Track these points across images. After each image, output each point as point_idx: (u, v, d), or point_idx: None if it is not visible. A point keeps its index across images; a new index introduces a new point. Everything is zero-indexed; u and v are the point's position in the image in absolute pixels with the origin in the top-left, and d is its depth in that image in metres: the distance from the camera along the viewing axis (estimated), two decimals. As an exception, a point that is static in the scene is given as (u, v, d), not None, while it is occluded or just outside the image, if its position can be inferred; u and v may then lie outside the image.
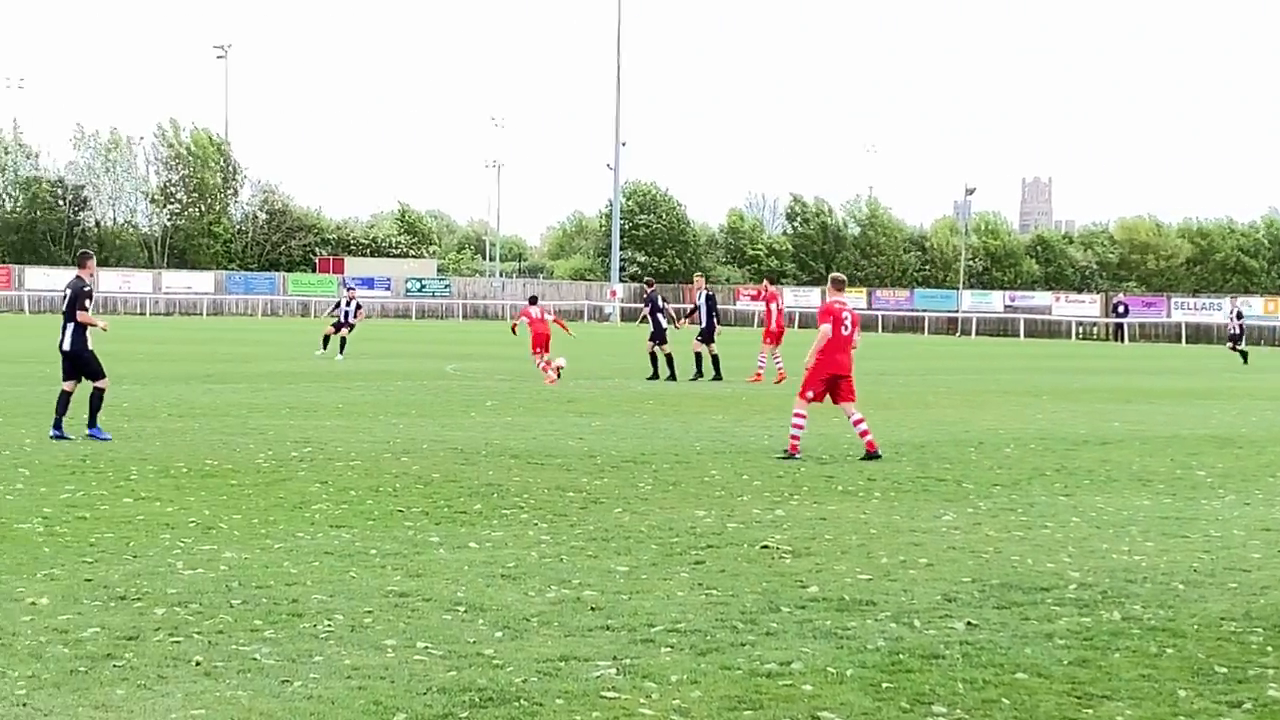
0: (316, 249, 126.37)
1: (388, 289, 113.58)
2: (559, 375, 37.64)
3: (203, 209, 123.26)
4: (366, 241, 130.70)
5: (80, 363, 22.50)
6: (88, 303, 22.49)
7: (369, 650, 9.77)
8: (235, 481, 17.69)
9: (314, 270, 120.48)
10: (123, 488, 17.00)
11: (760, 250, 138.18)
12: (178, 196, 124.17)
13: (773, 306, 41.31)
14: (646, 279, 53.96)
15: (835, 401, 22.26)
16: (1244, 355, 61.62)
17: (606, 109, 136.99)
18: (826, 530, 15.15)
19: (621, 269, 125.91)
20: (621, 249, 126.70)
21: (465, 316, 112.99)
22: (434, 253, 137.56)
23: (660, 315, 40.54)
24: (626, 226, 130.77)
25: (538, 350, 38.60)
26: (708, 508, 16.50)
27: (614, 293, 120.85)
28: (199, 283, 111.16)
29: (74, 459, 19.42)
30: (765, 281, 49.30)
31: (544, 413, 28.16)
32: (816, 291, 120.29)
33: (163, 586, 11.58)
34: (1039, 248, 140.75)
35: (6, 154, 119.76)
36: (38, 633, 10.00)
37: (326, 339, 48.39)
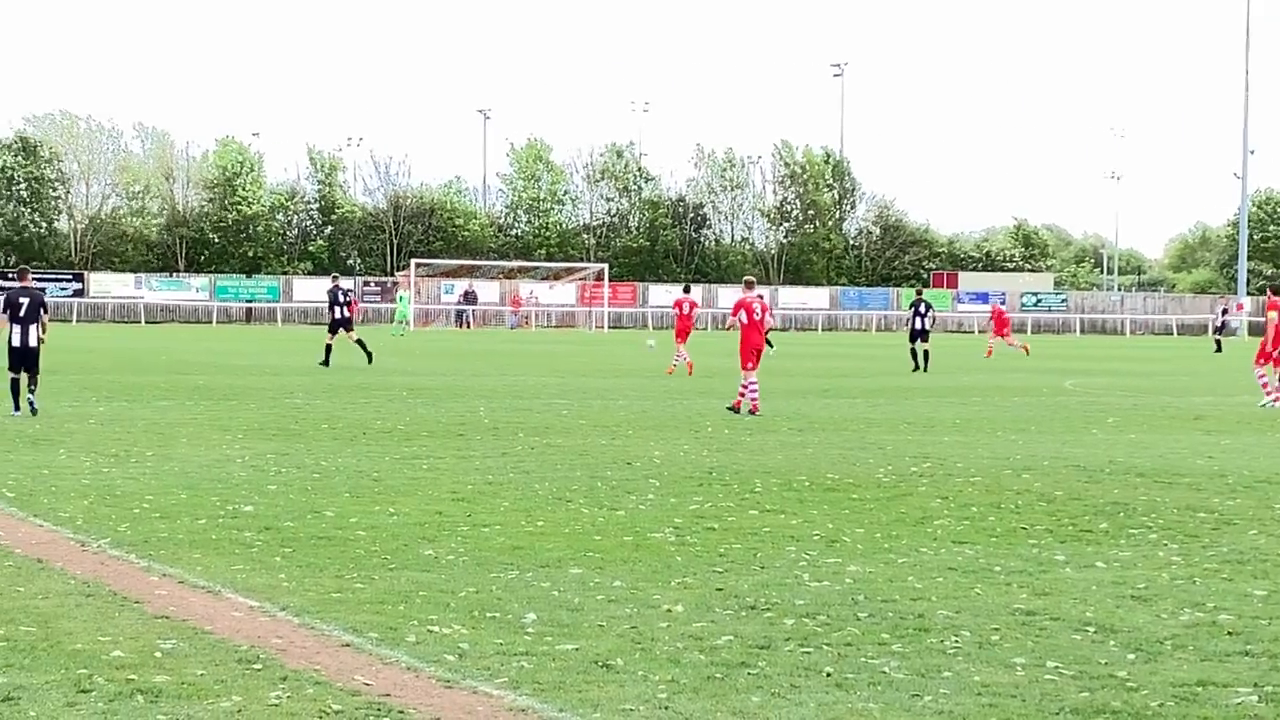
0: (926, 263, 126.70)
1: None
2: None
3: (816, 226, 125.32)
4: (978, 255, 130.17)
5: (36, 357, 26.39)
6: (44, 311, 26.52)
7: (998, 668, 9.68)
8: (856, 495, 17.84)
9: (927, 285, 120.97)
10: (748, 500, 17.38)
11: None
12: (792, 215, 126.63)
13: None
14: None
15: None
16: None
17: (1233, 115, 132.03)
18: None
19: (1247, 282, 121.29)
20: (1248, 260, 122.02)
21: (1082, 331, 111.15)
22: (1050, 266, 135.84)
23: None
24: (1255, 237, 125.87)
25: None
26: (1350, 531, 15.66)
27: (1240, 306, 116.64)
28: (814, 298, 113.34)
29: (700, 471, 19.98)
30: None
31: (1169, 430, 27.36)
32: None
33: (790, 598, 11.76)
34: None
35: (633, 175, 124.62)
36: (674, 639, 10.32)
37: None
